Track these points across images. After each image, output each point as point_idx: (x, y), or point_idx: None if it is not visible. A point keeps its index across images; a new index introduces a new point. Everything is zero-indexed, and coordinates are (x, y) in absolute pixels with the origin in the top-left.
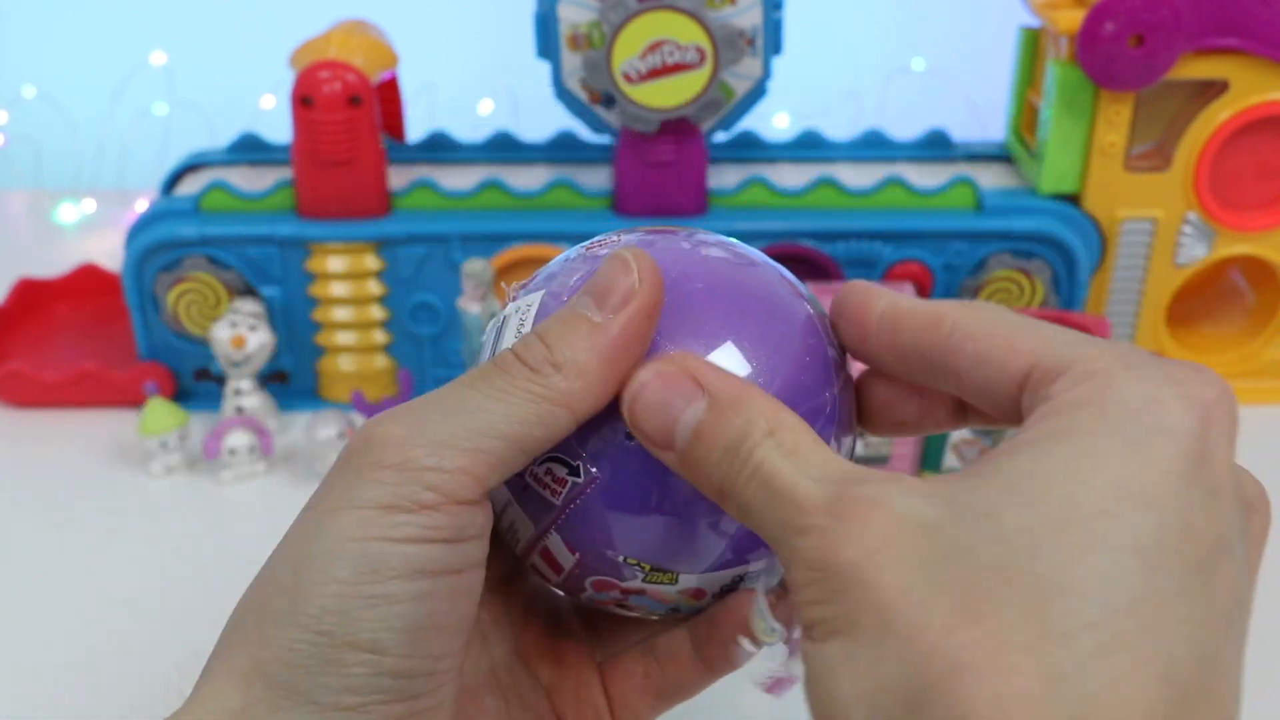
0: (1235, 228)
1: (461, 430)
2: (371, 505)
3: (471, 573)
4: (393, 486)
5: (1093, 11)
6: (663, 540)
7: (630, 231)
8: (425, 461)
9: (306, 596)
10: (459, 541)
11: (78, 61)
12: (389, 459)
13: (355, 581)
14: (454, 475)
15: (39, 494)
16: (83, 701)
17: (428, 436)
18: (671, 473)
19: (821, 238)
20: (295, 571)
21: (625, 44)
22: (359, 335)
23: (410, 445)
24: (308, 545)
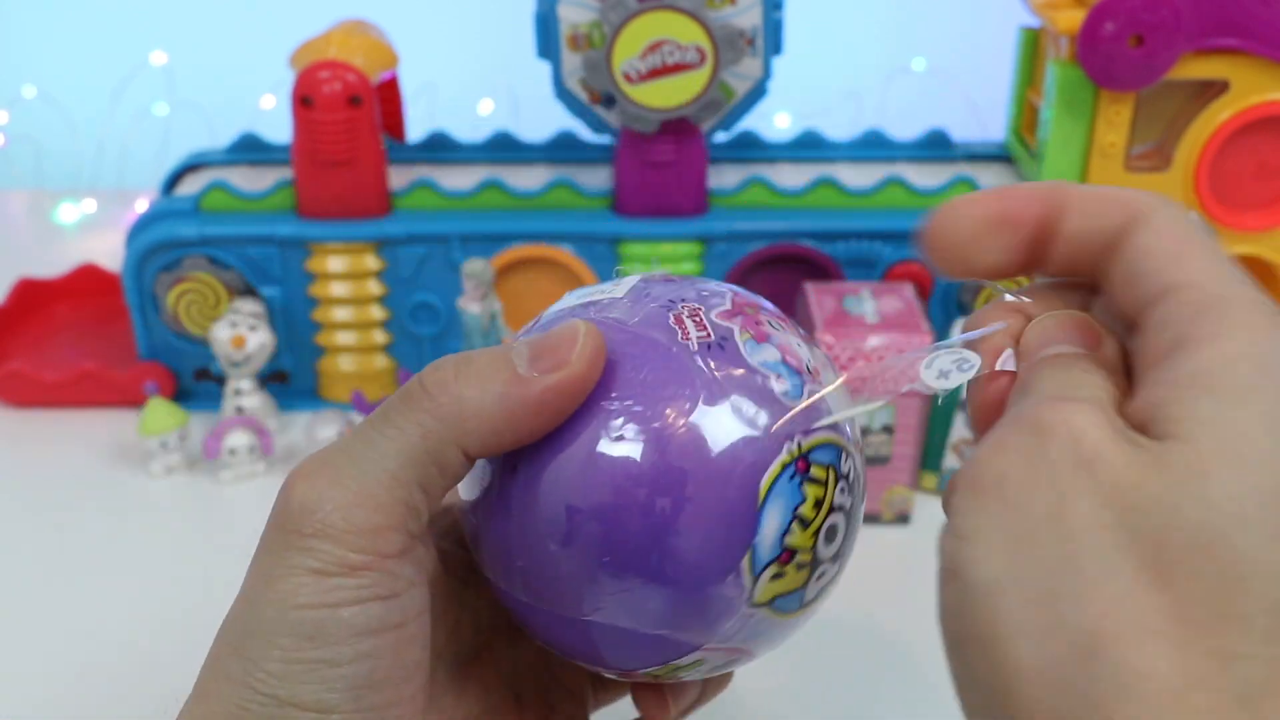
0: (1235, 228)
1: (367, 483)
2: (304, 571)
3: (414, 623)
4: (319, 554)
5: (1093, 11)
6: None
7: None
8: (341, 526)
9: (254, 662)
10: (396, 596)
11: (78, 61)
12: (308, 527)
13: (297, 649)
14: (373, 534)
15: (39, 494)
16: (82, 701)
17: (338, 497)
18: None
19: (821, 238)
20: (244, 637)
21: (625, 44)
22: (359, 335)
23: (324, 511)
24: (252, 613)
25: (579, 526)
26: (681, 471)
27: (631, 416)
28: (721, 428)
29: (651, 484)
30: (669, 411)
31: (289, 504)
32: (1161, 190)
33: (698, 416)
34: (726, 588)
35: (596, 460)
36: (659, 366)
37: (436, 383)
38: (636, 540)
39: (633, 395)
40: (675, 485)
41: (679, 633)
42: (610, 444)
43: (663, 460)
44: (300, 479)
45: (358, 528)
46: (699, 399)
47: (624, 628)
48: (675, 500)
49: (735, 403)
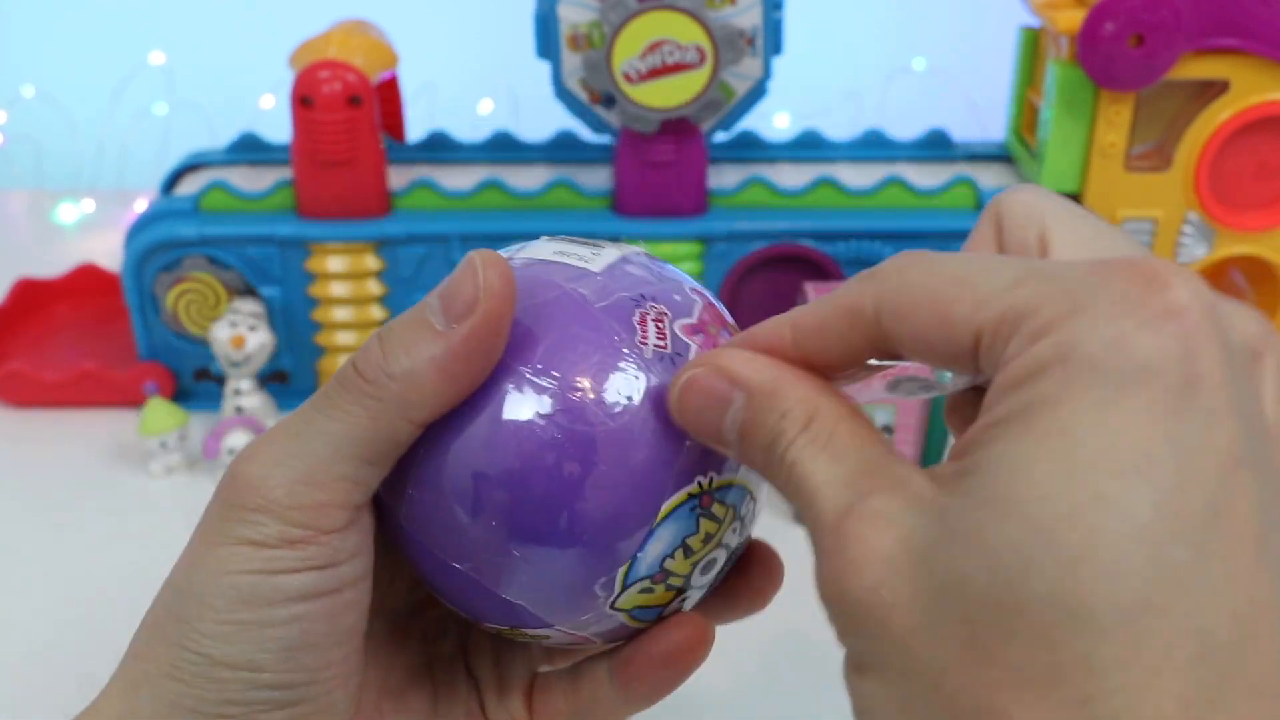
0: (1235, 228)
1: (312, 461)
2: (244, 542)
3: (351, 589)
4: (260, 527)
5: (1093, 11)
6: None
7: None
8: (285, 501)
9: (188, 624)
10: (335, 565)
11: (77, 61)
12: (251, 501)
13: (230, 611)
14: (316, 509)
15: (39, 494)
16: (82, 701)
17: (283, 474)
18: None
19: (821, 238)
20: (179, 600)
21: (625, 44)
22: (359, 335)
23: (268, 486)
24: (191, 575)
25: (481, 488)
26: (590, 461)
27: (550, 388)
28: (646, 431)
29: (559, 456)
30: (592, 393)
31: (234, 479)
32: (1161, 190)
33: (625, 415)
34: (597, 587)
35: (503, 425)
36: (605, 359)
37: (368, 364)
38: (528, 513)
39: (561, 369)
40: (582, 468)
41: (537, 608)
42: (519, 408)
43: (573, 439)
44: (245, 458)
45: (300, 504)
46: (631, 397)
47: (489, 587)
48: (573, 487)
49: (662, 415)
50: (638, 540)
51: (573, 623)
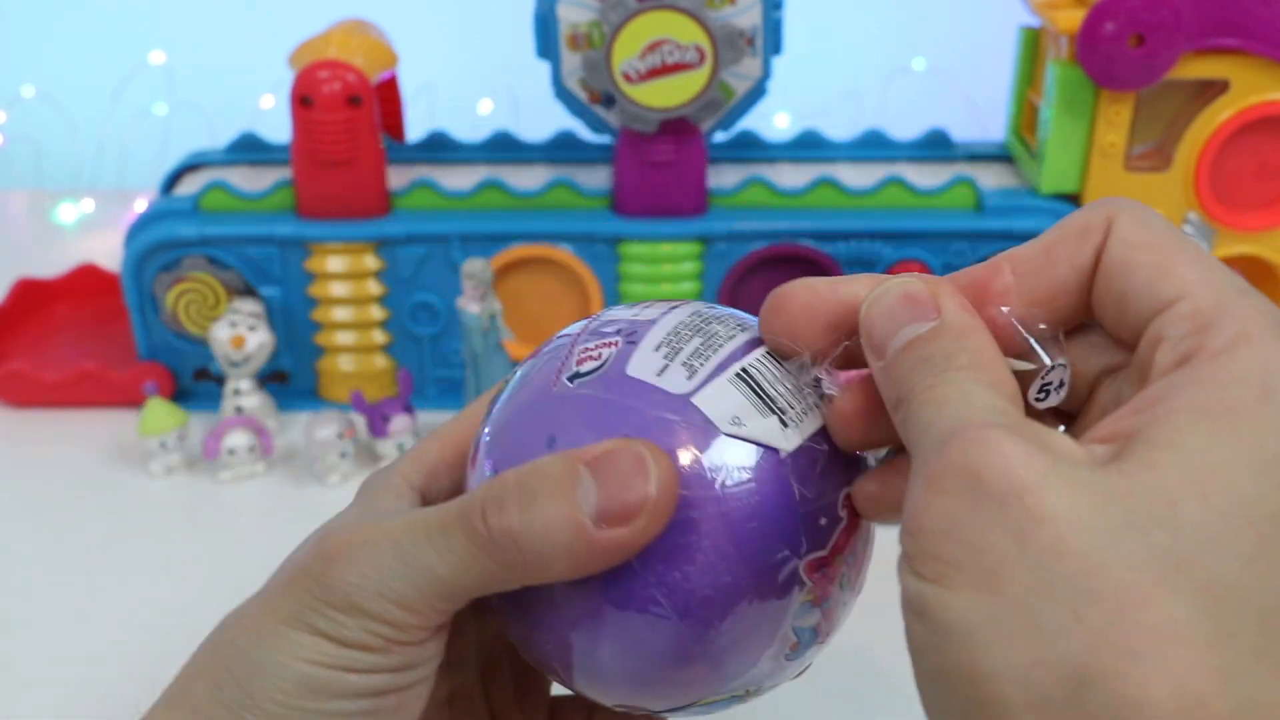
0: (1235, 227)
1: (413, 591)
2: (323, 635)
3: (422, 685)
4: (342, 628)
5: (1093, 11)
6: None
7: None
8: (374, 612)
9: (253, 698)
10: (410, 668)
11: (77, 61)
12: (339, 601)
13: (299, 697)
14: (403, 628)
15: (39, 494)
16: (82, 700)
17: (379, 586)
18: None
19: (821, 238)
20: (248, 670)
21: (625, 44)
22: (358, 335)
23: (361, 595)
24: (263, 651)
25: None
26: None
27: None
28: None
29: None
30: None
31: (327, 562)
32: (1161, 190)
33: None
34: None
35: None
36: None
37: (500, 522)
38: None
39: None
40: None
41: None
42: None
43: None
44: (344, 554)
45: (389, 619)
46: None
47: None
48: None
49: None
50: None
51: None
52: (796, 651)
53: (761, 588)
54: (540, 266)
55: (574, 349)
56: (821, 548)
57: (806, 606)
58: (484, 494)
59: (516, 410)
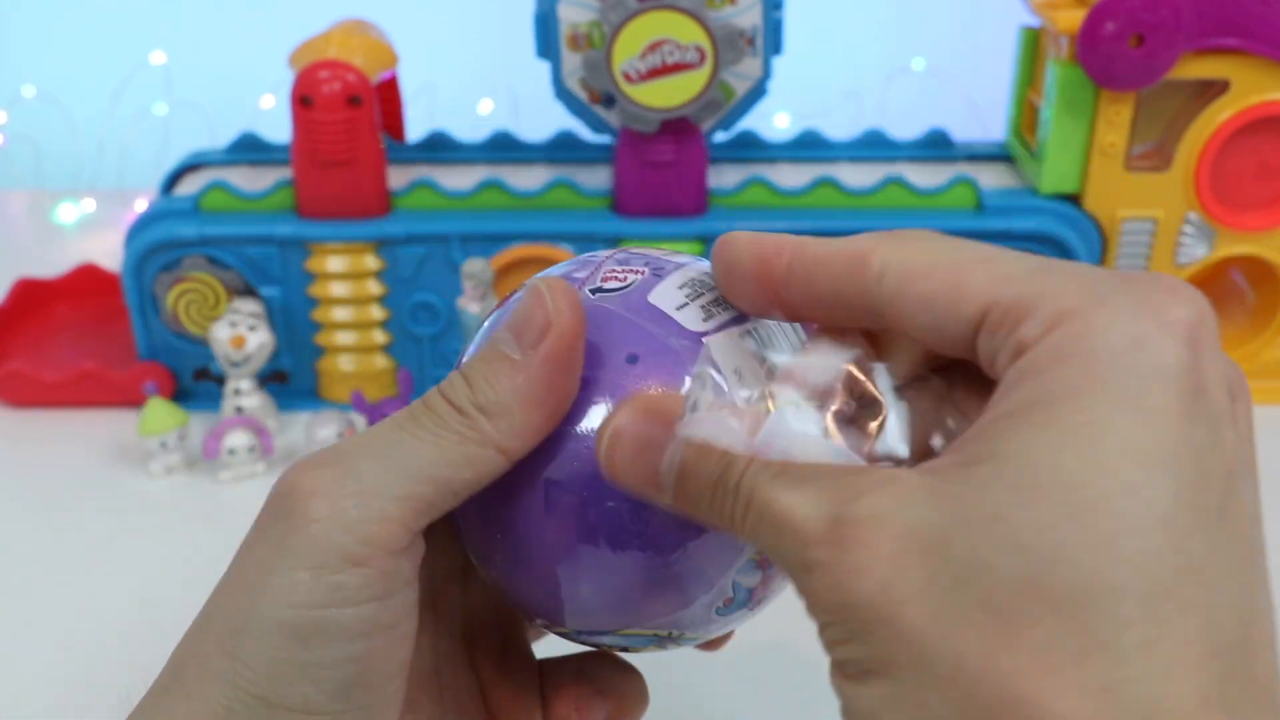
0: (1236, 228)
1: (390, 476)
2: (302, 566)
3: (405, 622)
4: (321, 541)
5: (1093, 11)
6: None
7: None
8: (353, 513)
9: (243, 662)
10: (391, 596)
11: (77, 61)
12: (316, 511)
13: (289, 650)
14: (383, 526)
15: (39, 494)
16: (82, 700)
17: (355, 485)
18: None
19: (821, 237)
20: (233, 634)
21: (625, 44)
22: (359, 335)
23: (337, 496)
24: (244, 609)
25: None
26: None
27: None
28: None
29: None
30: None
31: (294, 487)
32: (1162, 190)
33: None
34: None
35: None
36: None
37: (457, 396)
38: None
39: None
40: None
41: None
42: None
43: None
44: (313, 464)
45: (369, 517)
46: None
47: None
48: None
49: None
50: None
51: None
52: (729, 608)
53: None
54: (540, 267)
55: (601, 266)
56: None
57: (751, 564)
58: (434, 389)
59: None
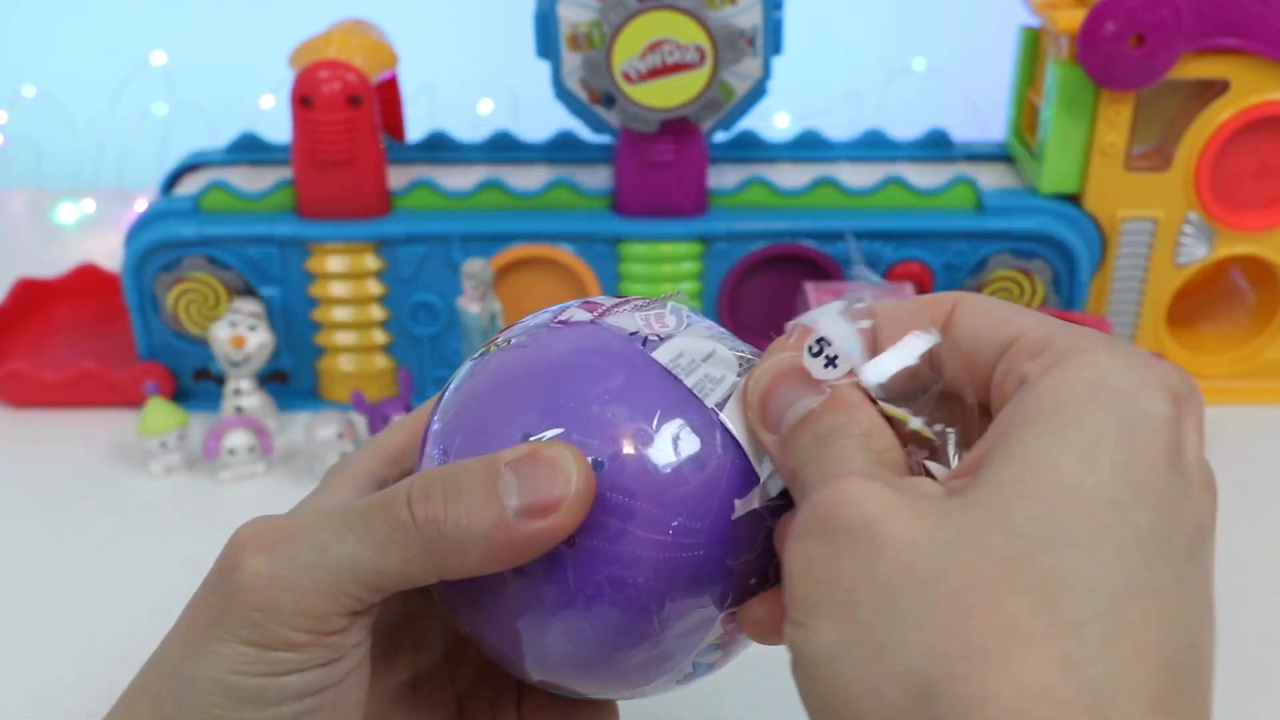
0: (1236, 227)
1: (327, 576)
2: (246, 642)
3: (355, 674)
4: (263, 628)
5: (1093, 11)
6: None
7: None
8: (289, 608)
9: (190, 713)
10: (338, 660)
11: (78, 61)
12: (255, 601)
13: (234, 709)
14: (321, 618)
15: (39, 494)
16: (81, 700)
17: (292, 579)
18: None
19: (822, 238)
20: (182, 686)
21: (625, 44)
22: (359, 335)
23: (275, 588)
24: (190, 666)
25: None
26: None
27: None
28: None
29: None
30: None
31: (237, 573)
32: (1162, 190)
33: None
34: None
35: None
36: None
37: (424, 509)
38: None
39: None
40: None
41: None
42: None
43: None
44: (253, 548)
45: (304, 610)
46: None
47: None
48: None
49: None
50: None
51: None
52: (688, 679)
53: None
54: (540, 266)
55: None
56: (741, 604)
57: (712, 648)
58: (409, 485)
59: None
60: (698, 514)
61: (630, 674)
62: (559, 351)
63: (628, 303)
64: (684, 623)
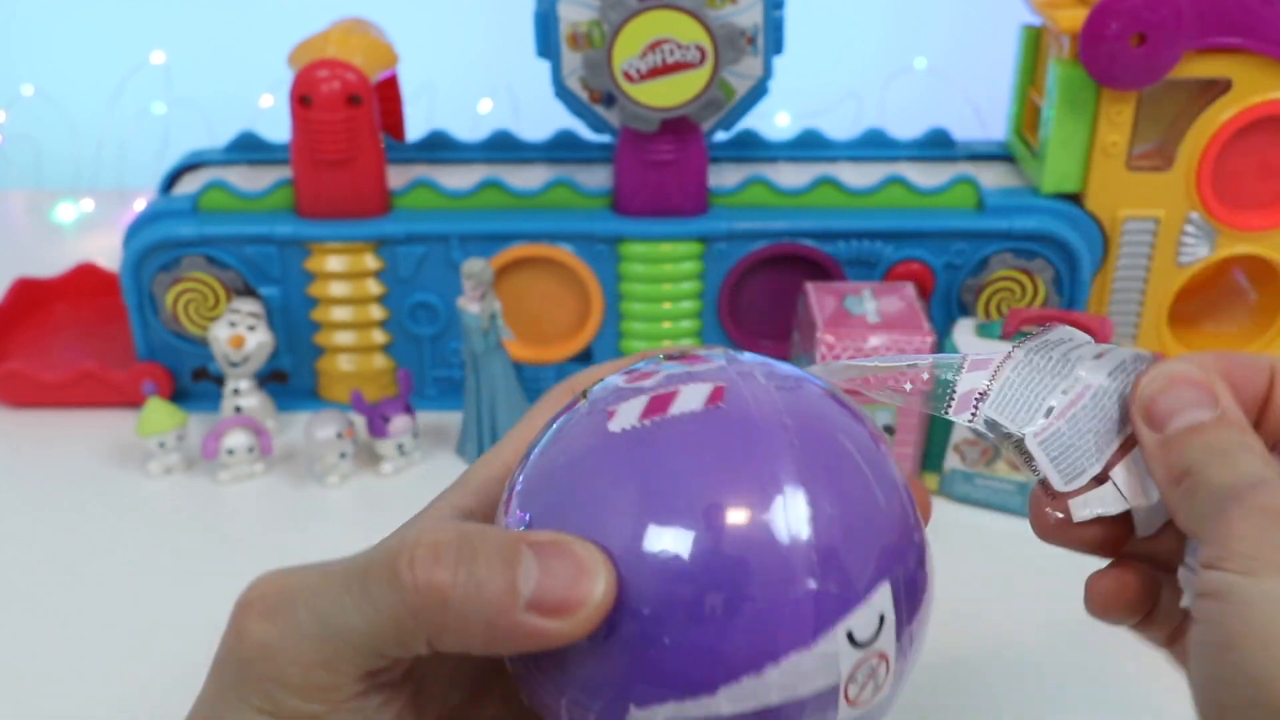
0: (1237, 227)
1: (328, 647)
2: (263, 712)
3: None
4: (275, 700)
5: (1095, 10)
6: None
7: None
8: (297, 681)
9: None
10: (360, 713)
11: (77, 60)
12: (263, 672)
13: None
14: (330, 689)
15: (38, 494)
16: (81, 701)
17: (296, 652)
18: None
19: (822, 237)
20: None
21: (625, 43)
22: (358, 335)
23: (282, 661)
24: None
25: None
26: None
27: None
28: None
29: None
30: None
31: (243, 640)
32: (1163, 189)
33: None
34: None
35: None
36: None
37: (429, 583)
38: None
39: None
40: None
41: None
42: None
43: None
44: (258, 613)
45: (314, 684)
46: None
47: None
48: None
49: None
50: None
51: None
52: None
53: None
54: (540, 266)
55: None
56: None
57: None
58: (418, 539)
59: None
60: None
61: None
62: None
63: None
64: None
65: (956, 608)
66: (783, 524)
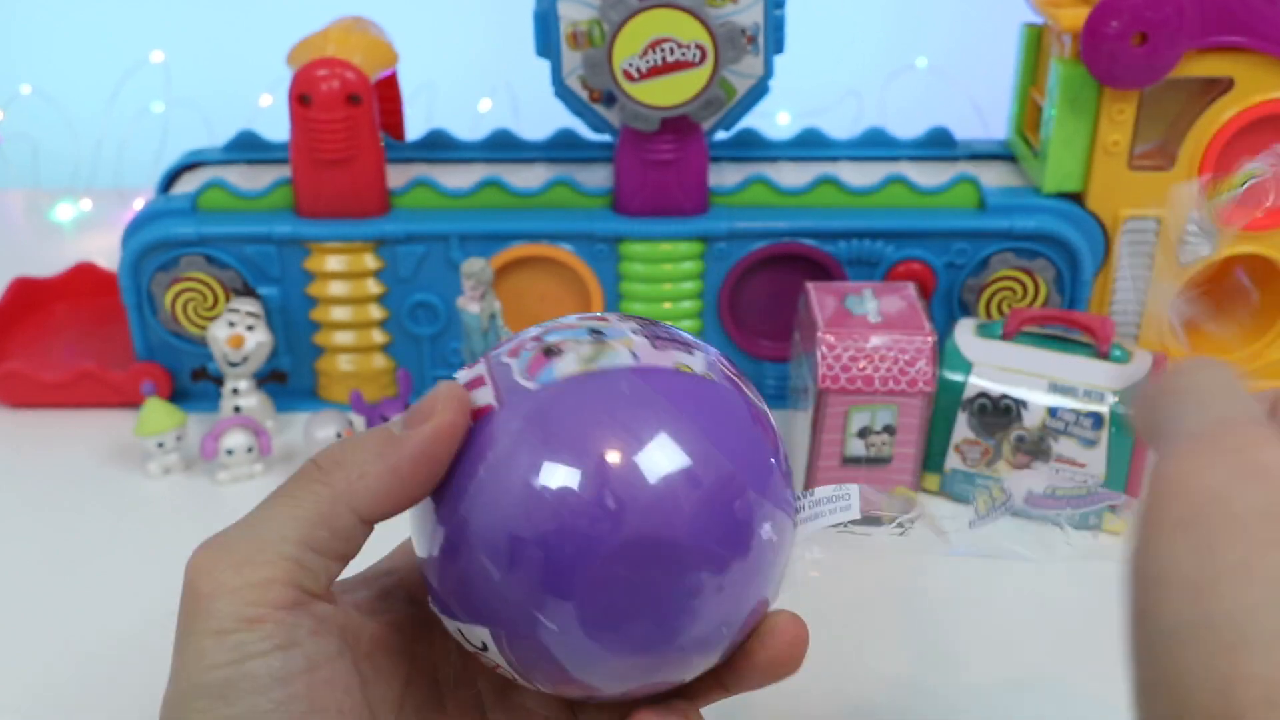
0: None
1: (258, 543)
2: (206, 633)
3: (326, 668)
4: (214, 610)
5: (1096, 9)
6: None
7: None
8: (234, 582)
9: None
10: (297, 645)
11: (75, 60)
12: (204, 587)
13: (213, 709)
14: (264, 587)
15: (36, 494)
16: (80, 700)
17: (230, 557)
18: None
19: (823, 237)
20: (174, 704)
21: (626, 42)
22: (357, 335)
23: (218, 570)
24: (172, 686)
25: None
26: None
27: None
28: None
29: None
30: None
31: (189, 573)
32: (1165, 189)
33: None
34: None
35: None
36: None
37: (327, 459)
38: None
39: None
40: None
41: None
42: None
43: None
44: (198, 551)
45: (249, 582)
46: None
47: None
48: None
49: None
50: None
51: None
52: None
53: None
54: (540, 266)
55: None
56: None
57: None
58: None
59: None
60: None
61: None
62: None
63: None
64: None
65: (957, 607)
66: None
